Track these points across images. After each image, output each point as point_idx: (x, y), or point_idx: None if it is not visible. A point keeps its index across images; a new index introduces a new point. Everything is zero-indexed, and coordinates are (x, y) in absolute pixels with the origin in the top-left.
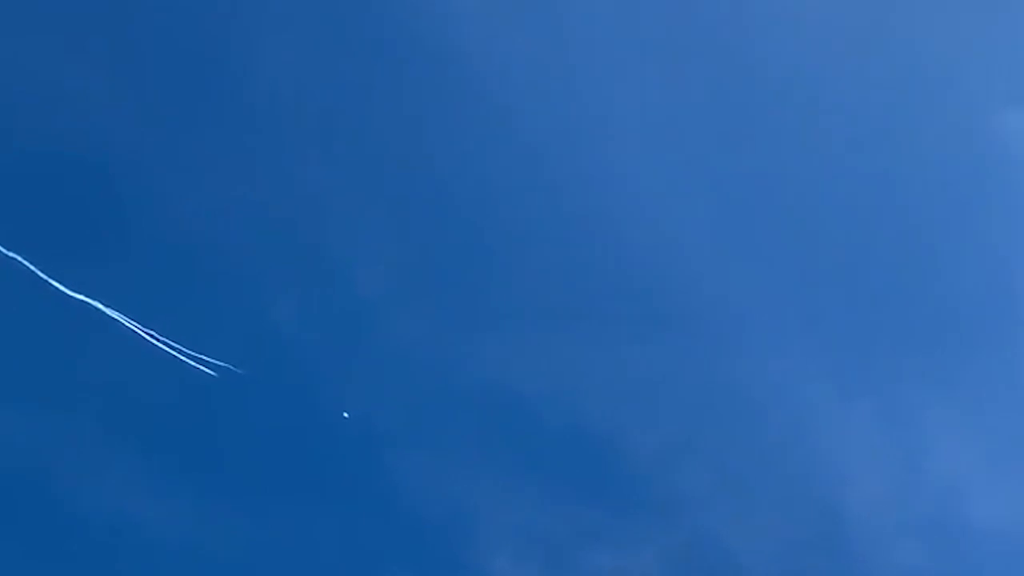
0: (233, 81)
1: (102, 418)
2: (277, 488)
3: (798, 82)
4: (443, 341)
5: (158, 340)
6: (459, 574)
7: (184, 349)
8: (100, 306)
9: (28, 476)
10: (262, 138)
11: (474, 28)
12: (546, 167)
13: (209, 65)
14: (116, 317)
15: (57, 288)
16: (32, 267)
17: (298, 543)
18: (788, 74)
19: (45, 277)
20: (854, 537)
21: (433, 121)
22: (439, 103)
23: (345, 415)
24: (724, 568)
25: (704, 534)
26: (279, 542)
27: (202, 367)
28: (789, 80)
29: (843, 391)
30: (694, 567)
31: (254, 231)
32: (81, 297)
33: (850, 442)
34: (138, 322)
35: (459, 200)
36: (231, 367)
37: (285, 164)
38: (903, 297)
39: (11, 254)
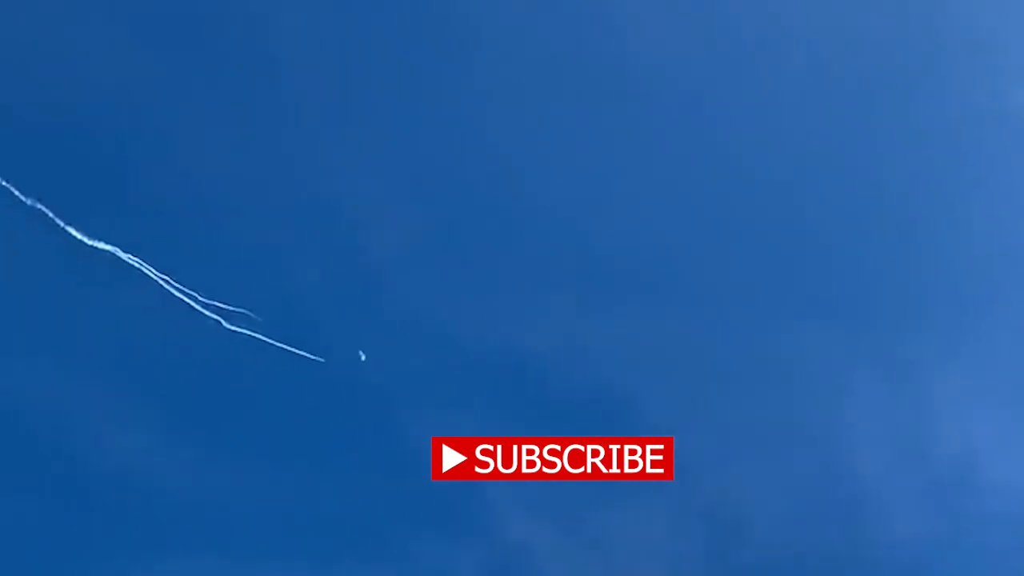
0: (255, 41)
1: (118, 367)
2: (290, 442)
3: (811, 57)
4: (457, 303)
5: (175, 287)
6: (473, 533)
7: (200, 297)
8: (118, 252)
9: (43, 425)
10: (282, 101)
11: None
12: (560, 135)
13: (232, 24)
14: (134, 263)
15: (75, 235)
16: (51, 214)
17: (309, 499)
18: (795, 47)
19: (63, 224)
20: (867, 502)
21: (449, 89)
22: (455, 73)
23: (362, 356)
24: (736, 532)
25: (716, 498)
26: (290, 496)
27: (218, 317)
28: (797, 52)
29: (853, 357)
30: (706, 530)
31: (269, 187)
32: (100, 244)
33: (861, 408)
34: (155, 269)
35: (474, 166)
36: (248, 312)
37: (304, 127)
38: (912, 263)
39: (30, 201)
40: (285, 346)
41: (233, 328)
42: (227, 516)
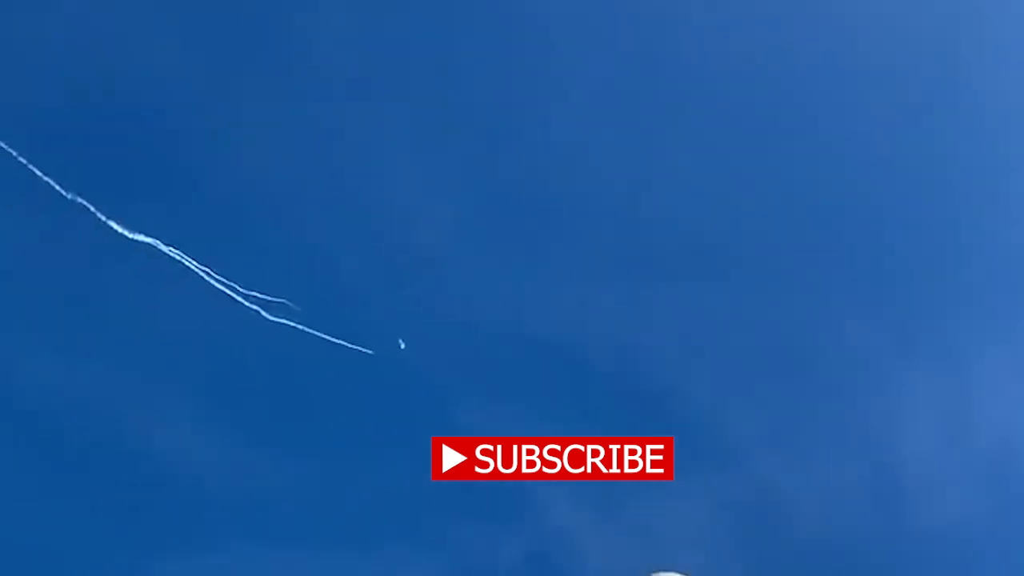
0: (296, 38)
1: (160, 358)
2: (333, 430)
3: (865, 51)
4: (500, 291)
5: (215, 279)
6: (515, 519)
7: (240, 288)
8: (159, 245)
9: (88, 417)
10: (323, 96)
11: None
12: (601, 124)
13: (274, 21)
14: (175, 256)
15: (116, 229)
16: (92, 208)
17: (351, 485)
18: (853, 41)
19: (104, 218)
20: (909, 485)
21: (492, 80)
22: (497, 65)
23: (401, 344)
24: (777, 513)
25: (757, 481)
26: (334, 483)
27: (259, 308)
28: (855, 46)
29: (900, 340)
30: (747, 512)
31: (308, 180)
32: (140, 237)
33: (906, 390)
34: (196, 261)
35: (514, 157)
36: (287, 302)
37: (344, 121)
38: (959, 248)
39: (71, 196)
40: (329, 337)
41: (274, 319)
42: (271, 504)
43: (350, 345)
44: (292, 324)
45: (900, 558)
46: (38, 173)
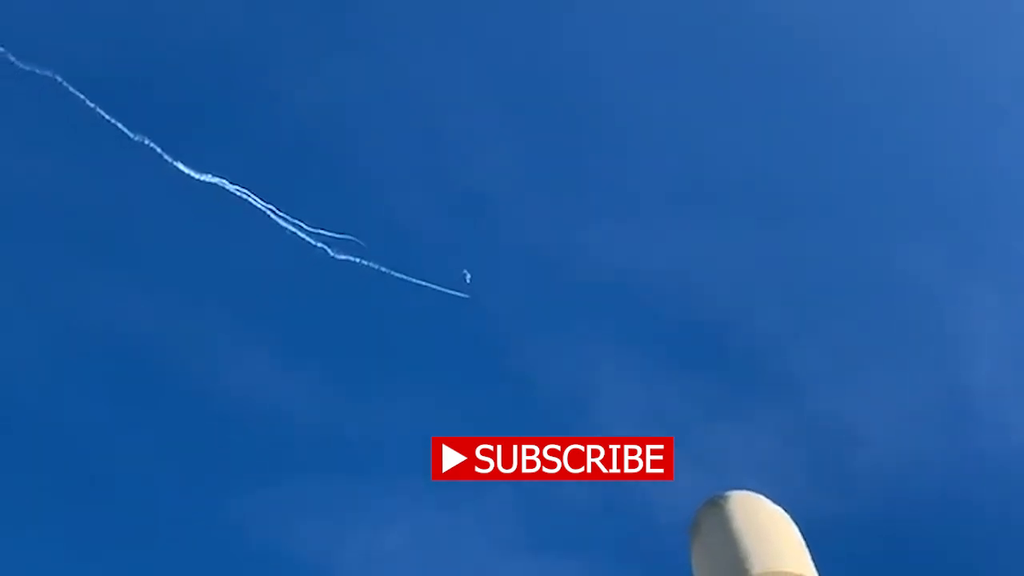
0: None
1: (229, 296)
2: (401, 366)
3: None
4: (561, 227)
5: (280, 217)
6: None
7: (306, 226)
8: (226, 184)
9: (162, 354)
10: (385, 30)
11: None
12: (667, 63)
13: None
14: (242, 195)
15: (183, 170)
16: (159, 149)
17: (422, 419)
18: None
19: (171, 160)
20: (977, 413)
21: (556, 17)
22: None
23: (467, 276)
24: (849, 444)
25: (822, 411)
26: (403, 417)
27: (324, 245)
28: None
29: (964, 270)
30: (814, 441)
31: (373, 116)
32: (207, 177)
33: (973, 319)
34: (261, 199)
35: (575, 89)
36: (354, 239)
37: (408, 54)
38: (1020, 164)
39: (138, 138)
40: (397, 273)
41: (340, 257)
42: (339, 438)
43: (437, 287)
44: (358, 260)
45: (968, 482)
46: (105, 116)
